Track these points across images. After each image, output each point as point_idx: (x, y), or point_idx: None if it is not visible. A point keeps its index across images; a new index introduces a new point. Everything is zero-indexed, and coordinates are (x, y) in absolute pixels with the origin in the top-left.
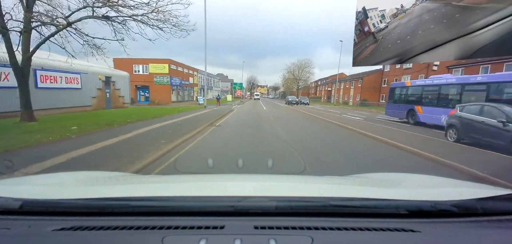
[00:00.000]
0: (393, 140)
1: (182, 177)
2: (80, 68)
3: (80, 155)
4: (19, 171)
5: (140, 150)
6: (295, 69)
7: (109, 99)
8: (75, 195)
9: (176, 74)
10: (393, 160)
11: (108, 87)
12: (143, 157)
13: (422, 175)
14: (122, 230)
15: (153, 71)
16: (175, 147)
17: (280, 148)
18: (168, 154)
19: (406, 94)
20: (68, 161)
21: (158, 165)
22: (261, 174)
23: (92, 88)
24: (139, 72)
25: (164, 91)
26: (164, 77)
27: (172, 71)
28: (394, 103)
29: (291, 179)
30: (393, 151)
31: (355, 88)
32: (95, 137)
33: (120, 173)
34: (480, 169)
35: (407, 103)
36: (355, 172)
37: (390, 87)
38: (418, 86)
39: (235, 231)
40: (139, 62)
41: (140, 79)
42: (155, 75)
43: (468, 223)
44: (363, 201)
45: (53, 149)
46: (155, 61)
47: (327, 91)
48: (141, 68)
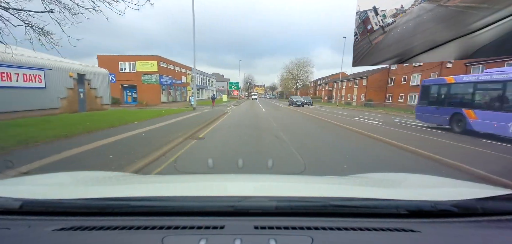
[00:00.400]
0: (469, 164)
1: (182, 177)
2: (45, 64)
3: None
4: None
5: None
6: (294, 68)
7: (83, 100)
8: (75, 195)
9: (167, 73)
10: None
11: (82, 87)
12: None
13: (422, 175)
14: (122, 230)
15: (141, 69)
16: None
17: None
18: None
19: (449, 94)
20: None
21: None
22: (261, 174)
23: (61, 87)
24: (126, 71)
25: (153, 91)
26: (152, 75)
27: (162, 69)
28: (430, 105)
29: (291, 179)
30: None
31: (359, 87)
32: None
33: (120, 173)
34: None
35: (450, 105)
36: None
37: (423, 85)
38: (467, 84)
39: (235, 231)
40: (126, 59)
41: (127, 78)
42: (143, 74)
43: (468, 223)
44: (363, 201)
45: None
46: (143, 58)
47: (328, 91)
48: (128, 66)
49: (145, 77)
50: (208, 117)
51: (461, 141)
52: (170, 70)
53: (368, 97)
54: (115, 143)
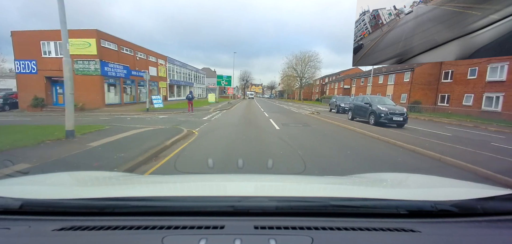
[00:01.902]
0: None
1: (182, 177)
2: None
3: None
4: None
5: None
6: (298, 64)
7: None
8: (75, 195)
9: (117, 59)
10: None
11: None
12: None
13: (422, 175)
14: (122, 230)
15: (74, 53)
16: None
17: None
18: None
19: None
20: None
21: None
22: (261, 174)
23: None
24: (52, 55)
25: (92, 86)
26: (89, 62)
27: (106, 52)
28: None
29: (291, 179)
30: None
31: (397, 84)
32: None
33: (120, 173)
34: None
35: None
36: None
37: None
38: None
39: (235, 231)
40: (51, 36)
41: (54, 67)
42: (76, 59)
43: (468, 223)
44: (363, 201)
45: None
46: (74, 34)
47: (343, 90)
48: (54, 48)
49: (79, 64)
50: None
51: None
52: (124, 55)
53: (414, 97)
54: None
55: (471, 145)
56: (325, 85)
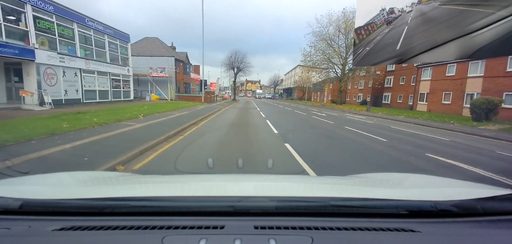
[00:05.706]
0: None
1: (182, 177)
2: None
3: None
4: None
5: None
6: (337, 30)
7: None
8: (75, 195)
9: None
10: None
11: None
12: None
13: (422, 175)
14: (122, 230)
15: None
16: None
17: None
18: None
19: None
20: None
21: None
22: (261, 174)
23: None
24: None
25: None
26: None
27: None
28: None
29: (291, 179)
30: None
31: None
32: None
33: (120, 173)
34: None
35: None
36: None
37: None
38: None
39: (235, 231)
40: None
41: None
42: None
43: (468, 223)
44: (363, 201)
45: None
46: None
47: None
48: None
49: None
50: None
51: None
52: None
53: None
54: None
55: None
56: (383, 77)
